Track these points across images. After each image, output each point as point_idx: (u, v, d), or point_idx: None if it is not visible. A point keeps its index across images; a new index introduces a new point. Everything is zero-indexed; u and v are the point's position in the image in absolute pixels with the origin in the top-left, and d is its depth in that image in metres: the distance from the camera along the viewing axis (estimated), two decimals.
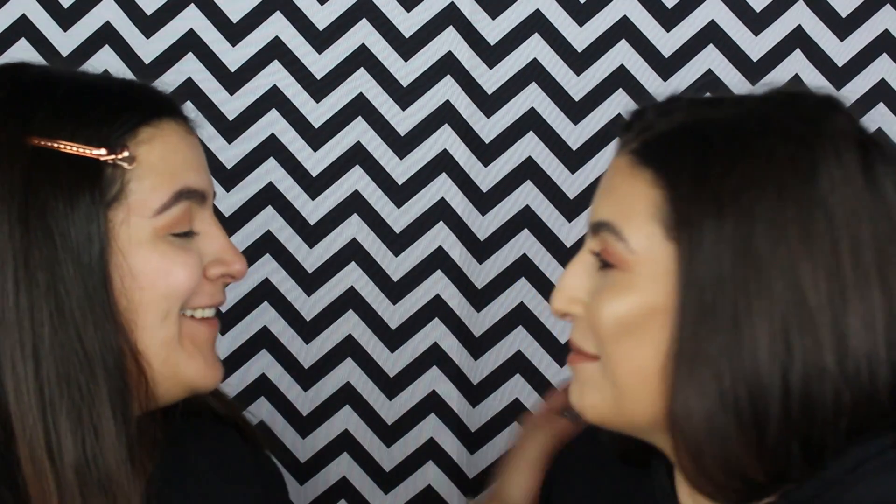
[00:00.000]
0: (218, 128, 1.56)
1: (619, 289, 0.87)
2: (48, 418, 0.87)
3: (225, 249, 0.97)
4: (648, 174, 0.87)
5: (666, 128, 0.89)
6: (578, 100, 1.57)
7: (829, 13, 1.56)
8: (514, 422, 1.57)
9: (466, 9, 1.56)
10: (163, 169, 0.93)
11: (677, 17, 1.56)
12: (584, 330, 0.91)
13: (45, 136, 0.89)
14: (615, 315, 0.87)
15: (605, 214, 0.90)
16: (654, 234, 0.86)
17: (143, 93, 0.97)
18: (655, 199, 0.86)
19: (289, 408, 1.57)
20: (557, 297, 0.93)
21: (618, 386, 0.88)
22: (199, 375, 0.96)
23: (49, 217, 0.88)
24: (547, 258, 1.57)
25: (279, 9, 1.56)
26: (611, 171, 0.93)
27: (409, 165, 1.57)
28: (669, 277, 0.85)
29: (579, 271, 0.92)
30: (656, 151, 0.88)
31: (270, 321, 1.57)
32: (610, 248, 0.88)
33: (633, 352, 0.87)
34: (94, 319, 0.88)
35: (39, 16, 1.55)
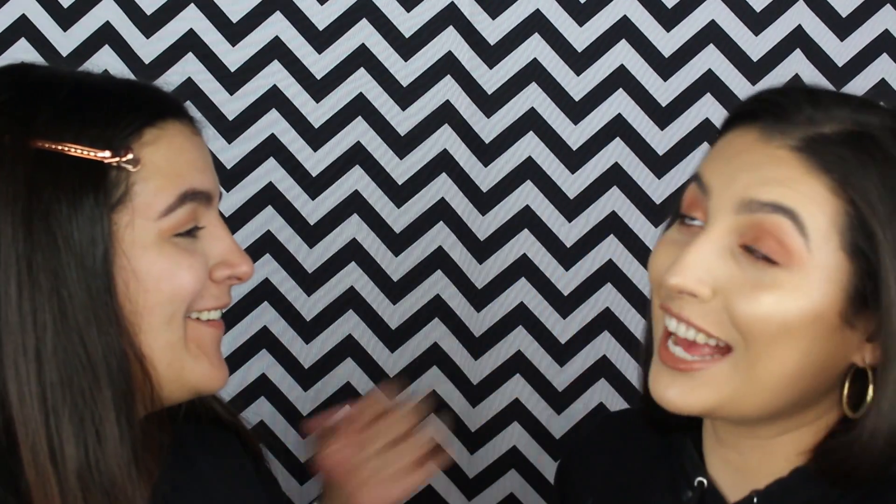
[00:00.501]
0: (218, 128, 1.56)
1: (786, 288, 0.84)
2: (51, 423, 0.86)
3: (231, 251, 0.96)
4: (827, 180, 0.84)
5: (834, 129, 0.86)
6: (578, 100, 1.57)
7: (829, 13, 1.56)
8: (514, 422, 1.58)
9: (466, 9, 1.56)
10: (168, 170, 0.92)
11: (677, 17, 1.56)
12: (707, 312, 0.87)
13: (49, 138, 0.88)
14: (782, 315, 0.84)
15: (787, 200, 0.85)
16: (832, 241, 0.84)
17: (148, 94, 0.96)
18: (837, 207, 0.84)
19: (289, 408, 1.57)
20: (686, 272, 0.86)
21: (751, 381, 0.86)
22: (205, 378, 0.95)
23: (52, 220, 0.87)
24: (547, 258, 1.57)
25: (279, 9, 1.56)
26: (767, 158, 0.86)
27: (409, 165, 1.57)
28: (835, 287, 0.84)
29: (711, 252, 0.86)
30: (836, 157, 0.85)
31: (271, 321, 1.57)
32: (785, 239, 0.84)
33: (783, 353, 0.85)
34: (97, 323, 0.88)
35: (39, 16, 1.55)
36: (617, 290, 1.57)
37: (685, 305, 0.87)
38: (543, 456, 1.58)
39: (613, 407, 1.57)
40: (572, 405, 1.58)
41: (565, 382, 1.58)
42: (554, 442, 1.57)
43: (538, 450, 1.58)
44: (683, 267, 0.86)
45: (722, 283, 0.85)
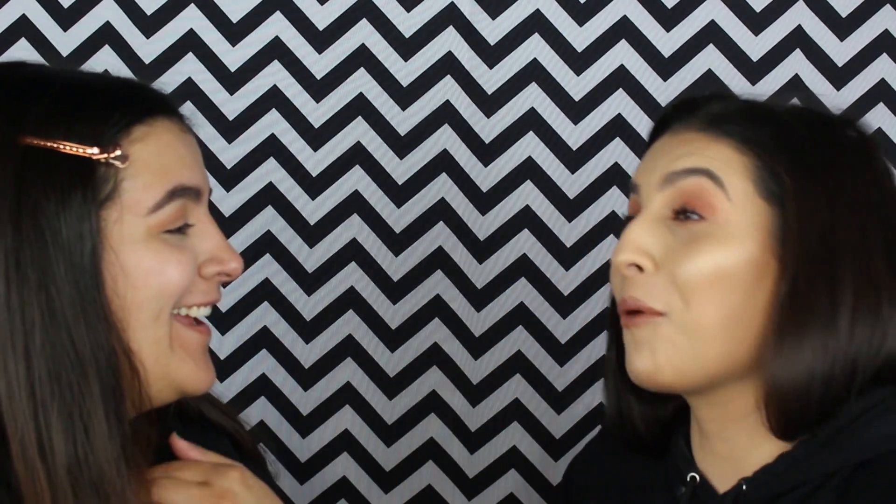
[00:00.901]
0: (218, 128, 1.56)
1: (716, 240, 0.91)
2: (39, 418, 0.87)
3: (220, 247, 0.96)
4: (731, 142, 0.94)
5: (732, 108, 0.97)
6: (578, 100, 1.57)
7: (829, 13, 1.56)
8: (514, 422, 1.58)
9: (466, 9, 1.56)
10: (157, 167, 0.92)
11: (677, 17, 1.56)
12: (649, 287, 0.93)
13: (38, 135, 0.89)
14: (716, 266, 0.91)
15: (699, 163, 0.93)
16: (748, 191, 0.92)
17: (137, 91, 0.96)
18: (745, 162, 0.93)
19: (289, 408, 1.57)
20: (626, 247, 0.93)
21: (699, 336, 0.92)
22: (190, 378, 0.95)
23: (41, 216, 0.88)
24: (547, 258, 1.57)
25: (279, 9, 1.56)
26: (676, 143, 0.96)
27: (409, 165, 1.57)
28: (763, 232, 0.91)
29: (647, 225, 0.94)
30: (734, 124, 0.95)
31: (271, 321, 1.57)
32: (705, 195, 0.92)
33: (723, 301, 0.91)
34: (85, 319, 0.88)
35: (39, 16, 1.55)
36: None
37: (631, 286, 0.94)
38: (543, 456, 1.58)
39: None
40: (572, 405, 1.58)
41: (565, 382, 1.58)
42: (554, 442, 1.57)
43: (538, 450, 1.58)
44: (623, 244, 0.94)
45: (662, 254, 0.93)
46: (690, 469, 0.98)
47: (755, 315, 0.92)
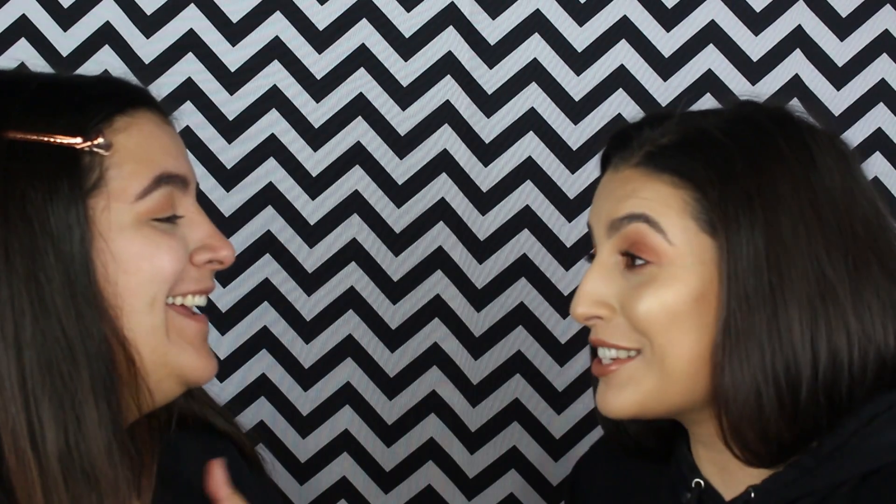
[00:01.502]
0: (218, 128, 1.56)
1: (663, 281, 0.93)
2: (31, 407, 0.87)
3: (211, 235, 0.97)
4: (666, 178, 0.94)
5: (667, 140, 0.96)
6: (578, 100, 1.57)
7: (829, 13, 1.56)
8: (514, 422, 1.58)
9: (466, 9, 1.56)
10: (141, 155, 0.93)
11: (677, 17, 1.56)
12: (614, 329, 0.95)
13: (21, 129, 0.90)
14: (665, 307, 0.92)
15: (637, 208, 0.94)
16: (689, 228, 0.92)
17: (116, 84, 0.97)
18: (683, 197, 0.93)
19: (289, 408, 1.57)
20: (581, 301, 0.96)
21: (665, 373, 0.93)
22: (191, 366, 0.95)
23: (28, 207, 0.88)
24: (547, 258, 1.57)
25: (279, 9, 1.56)
26: (617, 183, 0.97)
27: (409, 165, 1.57)
28: (707, 266, 0.92)
29: (599, 275, 0.96)
30: (668, 158, 0.95)
31: (271, 321, 1.57)
32: (646, 240, 0.93)
33: (682, 338, 0.92)
34: (75, 308, 0.88)
35: (39, 16, 1.55)
36: None
37: (598, 329, 0.97)
38: (543, 456, 1.58)
39: None
40: (572, 405, 1.58)
41: (565, 382, 1.58)
42: (554, 442, 1.57)
43: (538, 450, 1.58)
44: (579, 297, 0.96)
45: (618, 300, 0.95)
46: (695, 475, 0.99)
47: (709, 349, 0.92)
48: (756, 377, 0.90)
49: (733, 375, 0.90)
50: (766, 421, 0.90)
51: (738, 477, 0.96)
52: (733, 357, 0.90)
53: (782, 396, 0.90)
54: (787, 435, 0.90)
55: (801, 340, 0.90)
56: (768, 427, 0.90)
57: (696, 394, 0.93)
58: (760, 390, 0.90)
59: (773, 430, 0.90)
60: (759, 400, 0.90)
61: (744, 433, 0.91)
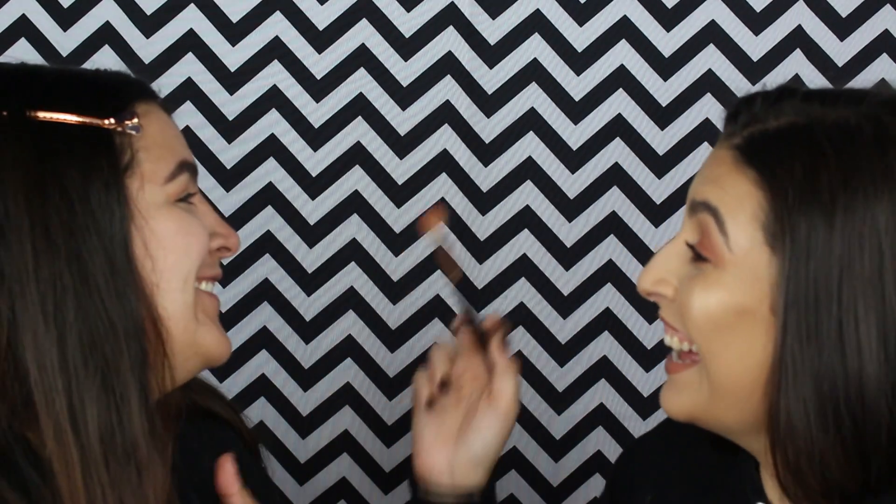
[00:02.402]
0: (218, 128, 1.56)
1: (711, 284, 0.87)
2: (72, 389, 0.86)
3: (219, 223, 0.99)
4: (752, 174, 0.86)
5: (774, 125, 0.87)
6: (578, 100, 1.57)
7: (829, 13, 1.56)
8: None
9: (466, 9, 1.56)
10: (163, 141, 0.94)
11: (677, 17, 1.56)
12: (672, 312, 0.91)
13: (50, 109, 0.90)
14: (704, 308, 0.87)
15: (712, 198, 0.88)
16: (755, 238, 0.85)
17: (126, 76, 0.99)
18: (760, 200, 0.85)
19: (289, 408, 1.57)
20: (646, 276, 0.92)
21: (714, 387, 0.88)
22: (215, 344, 0.96)
23: (68, 185, 0.88)
24: (547, 258, 1.57)
25: (279, 9, 1.56)
26: (713, 160, 0.90)
27: (409, 165, 1.57)
28: (763, 284, 0.85)
29: (672, 254, 0.91)
30: (762, 151, 0.86)
31: (270, 321, 1.57)
32: (710, 239, 0.87)
33: (728, 352, 0.87)
34: (115, 286, 0.88)
35: (39, 16, 1.55)
36: (617, 290, 1.57)
37: (663, 307, 0.92)
38: (544, 456, 1.58)
39: (613, 407, 1.57)
40: (572, 405, 1.58)
41: (565, 382, 1.57)
42: (554, 442, 1.57)
43: (538, 450, 1.57)
44: (646, 271, 0.92)
45: (678, 283, 0.90)
46: (758, 497, 0.94)
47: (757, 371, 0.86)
48: (814, 420, 0.82)
49: (788, 414, 0.83)
50: (827, 466, 0.83)
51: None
52: (788, 394, 0.83)
53: (847, 444, 0.83)
54: (854, 483, 0.83)
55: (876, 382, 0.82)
56: (829, 473, 0.83)
57: (748, 417, 0.88)
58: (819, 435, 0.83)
59: (835, 476, 0.83)
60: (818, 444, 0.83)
61: (802, 475, 0.84)
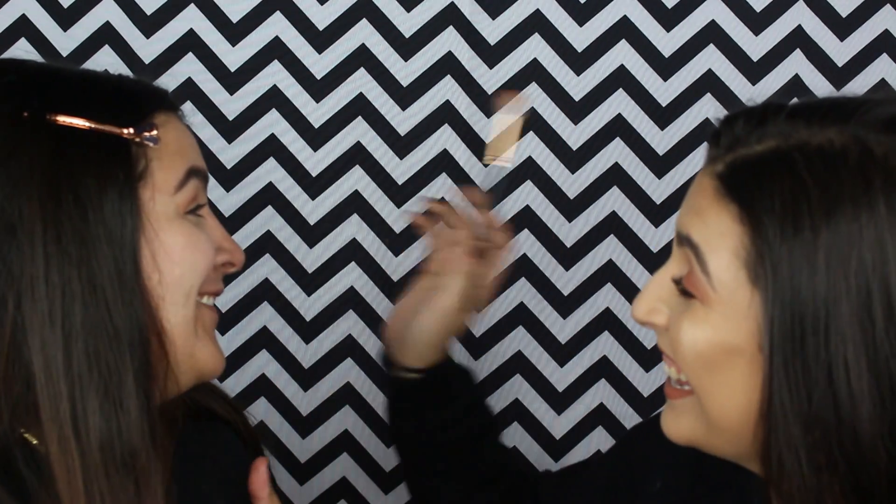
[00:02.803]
0: (218, 128, 1.56)
1: (697, 319, 0.85)
2: (76, 394, 0.87)
3: (225, 238, 0.99)
4: (734, 208, 0.82)
5: (756, 151, 0.83)
6: (578, 100, 1.57)
7: (829, 13, 1.56)
8: (514, 421, 1.57)
9: (466, 9, 1.56)
10: (175, 149, 0.95)
11: (677, 17, 1.56)
12: (667, 342, 0.89)
13: (71, 114, 0.90)
14: (692, 343, 0.85)
15: (694, 233, 0.85)
16: (739, 277, 0.82)
17: (147, 84, 0.99)
18: (741, 236, 0.82)
19: (288, 408, 1.57)
20: (638, 305, 0.90)
21: (710, 420, 0.86)
22: (211, 360, 0.97)
23: (82, 192, 0.88)
24: (547, 258, 1.57)
25: (279, 9, 1.56)
26: (697, 189, 0.87)
27: (409, 165, 1.57)
28: (749, 322, 0.82)
29: (663, 283, 0.89)
30: (743, 183, 0.82)
31: (270, 321, 1.57)
32: (693, 276, 0.84)
33: (719, 389, 0.85)
34: (123, 296, 0.89)
35: (39, 16, 1.55)
36: (617, 290, 1.57)
37: (659, 336, 0.90)
38: (544, 456, 1.57)
39: (613, 407, 1.57)
40: (572, 405, 1.57)
41: (565, 382, 1.57)
42: (554, 442, 1.57)
43: (538, 450, 1.57)
44: (639, 300, 0.90)
45: (670, 313, 0.88)
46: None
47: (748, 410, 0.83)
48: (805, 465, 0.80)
49: (780, 456, 0.80)
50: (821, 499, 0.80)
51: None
52: (779, 437, 0.80)
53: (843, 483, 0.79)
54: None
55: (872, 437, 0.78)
56: None
57: (743, 450, 0.86)
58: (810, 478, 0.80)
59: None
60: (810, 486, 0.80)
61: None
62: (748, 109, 0.86)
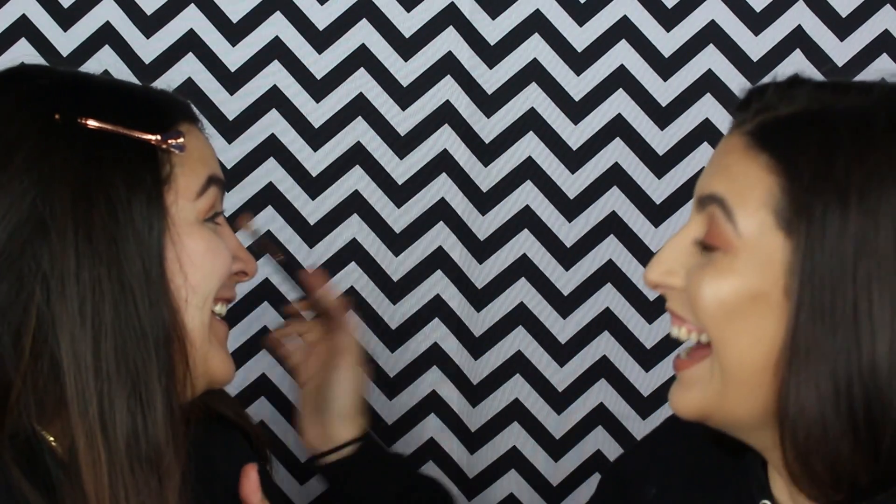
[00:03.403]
0: (218, 128, 1.56)
1: (723, 270, 0.86)
2: (103, 392, 0.88)
3: (239, 248, 1.02)
4: (765, 158, 0.85)
5: (786, 111, 0.87)
6: (578, 100, 1.57)
7: (829, 13, 1.56)
8: (514, 422, 1.57)
9: (466, 9, 1.56)
10: (197, 156, 0.97)
11: (677, 17, 1.56)
12: (681, 302, 0.90)
13: (102, 119, 0.92)
14: (718, 297, 0.86)
15: (718, 188, 0.88)
16: (766, 223, 0.85)
17: (172, 95, 1.03)
18: (771, 186, 0.85)
19: (289, 408, 1.57)
20: (654, 268, 0.91)
21: (725, 377, 0.87)
22: (222, 367, 1.00)
23: (112, 194, 0.90)
24: (547, 258, 1.57)
25: (279, 9, 1.56)
26: (723, 149, 0.90)
27: (409, 165, 1.57)
28: (776, 268, 0.84)
29: (679, 246, 0.91)
30: (775, 135, 0.86)
31: (270, 321, 1.57)
32: (717, 227, 0.87)
33: (739, 339, 0.86)
34: (150, 296, 0.91)
35: (39, 16, 1.55)
36: (617, 290, 1.57)
37: (670, 298, 0.91)
38: (543, 456, 1.58)
39: (613, 407, 1.57)
40: (572, 405, 1.57)
41: (565, 382, 1.57)
42: (554, 442, 1.57)
43: (538, 450, 1.57)
44: (652, 263, 0.92)
45: (686, 274, 0.90)
46: (763, 495, 0.93)
47: (769, 356, 0.85)
48: (826, 403, 0.81)
49: (799, 397, 0.82)
50: (839, 454, 0.82)
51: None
52: (800, 376, 0.82)
53: (858, 429, 0.81)
54: (865, 475, 0.82)
55: (891, 368, 0.81)
56: (841, 461, 0.82)
57: (757, 408, 0.86)
58: (830, 419, 0.81)
59: (847, 466, 0.82)
60: (830, 429, 0.81)
61: (812, 464, 0.83)
62: (776, 81, 0.90)
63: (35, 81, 0.94)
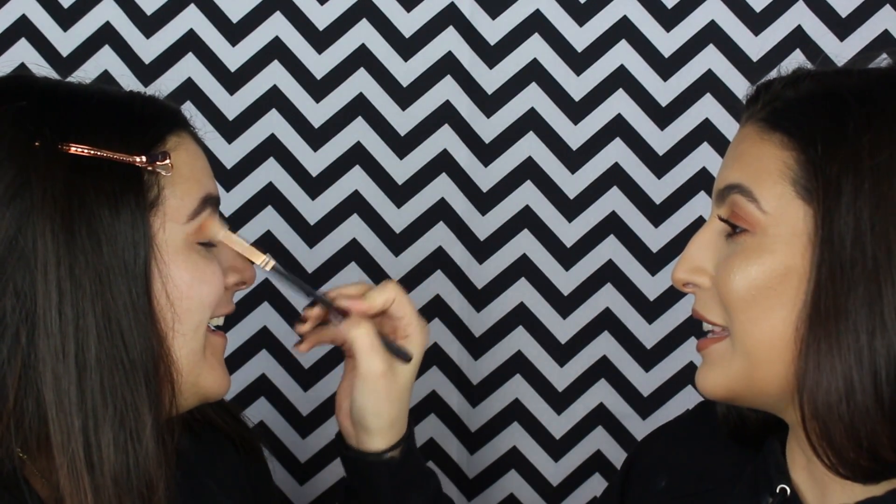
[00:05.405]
0: (218, 128, 1.56)
1: (752, 252, 0.88)
2: (90, 428, 0.86)
3: (235, 258, 0.99)
4: (778, 137, 0.89)
5: (795, 95, 0.91)
6: (578, 100, 1.57)
7: (829, 13, 1.56)
8: (514, 422, 1.57)
9: (466, 9, 1.56)
10: (189, 175, 0.94)
11: (677, 17, 1.56)
12: (707, 300, 0.92)
13: (83, 143, 0.89)
14: (749, 279, 0.87)
15: (734, 178, 0.90)
16: (786, 194, 0.87)
17: (159, 104, 0.98)
18: (786, 160, 0.87)
19: (289, 408, 1.57)
20: (682, 265, 0.93)
21: (749, 355, 0.88)
22: (216, 385, 0.97)
23: (95, 223, 0.87)
24: (547, 258, 1.57)
25: (279, 9, 1.56)
26: (738, 140, 0.93)
27: (409, 165, 1.57)
28: (802, 238, 0.86)
29: (705, 242, 0.92)
30: (786, 116, 0.89)
31: (270, 321, 1.56)
32: (741, 209, 0.89)
33: (766, 316, 0.87)
34: (137, 328, 0.88)
35: (39, 16, 1.55)
36: (617, 290, 1.57)
37: (696, 299, 0.93)
38: (543, 456, 1.58)
39: (613, 407, 1.57)
40: (572, 405, 1.57)
41: (565, 382, 1.57)
42: (554, 442, 1.57)
43: (538, 450, 1.57)
44: (680, 262, 0.93)
45: (714, 269, 0.91)
46: (782, 479, 0.92)
47: (796, 333, 0.85)
48: (848, 368, 0.81)
49: (820, 362, 0.82)
50: (860, 424, 0.81)
51: (831, 490, 0.89)
52: (821, 341, 0.82)
53: (881, 395, 0.81)
54: (889, 446, 0.81)
55: None
56: (864, 435, 0.81)
57: (786, 382, 0.86)
58: (853, 384, 0.81)
59: (867, 436, 0.81)
60: (851, 396, 0.81)
61: (833, 436, 0.82)
62: (780, 75, 0.95)
63: (14, 103, 0.91)
